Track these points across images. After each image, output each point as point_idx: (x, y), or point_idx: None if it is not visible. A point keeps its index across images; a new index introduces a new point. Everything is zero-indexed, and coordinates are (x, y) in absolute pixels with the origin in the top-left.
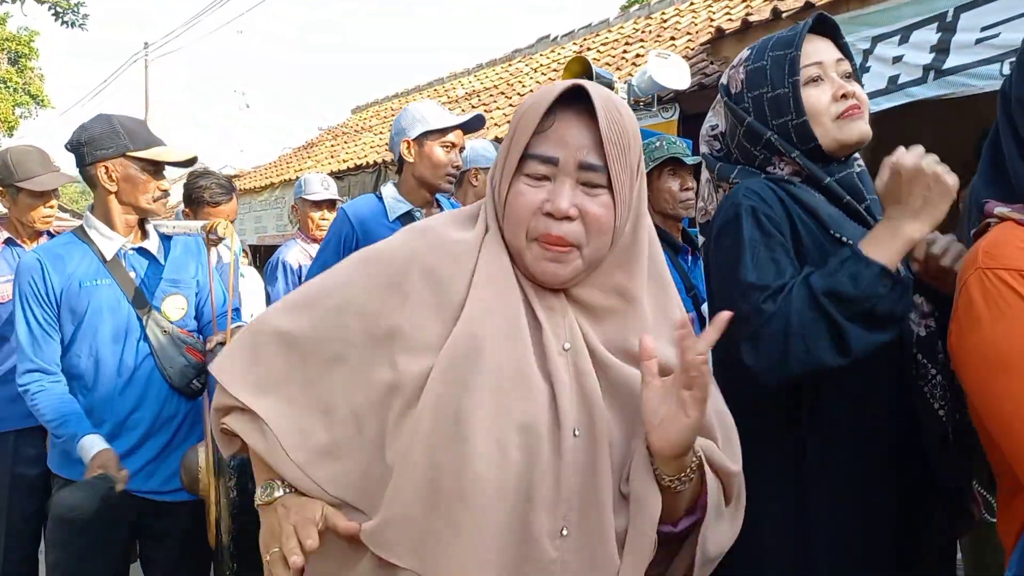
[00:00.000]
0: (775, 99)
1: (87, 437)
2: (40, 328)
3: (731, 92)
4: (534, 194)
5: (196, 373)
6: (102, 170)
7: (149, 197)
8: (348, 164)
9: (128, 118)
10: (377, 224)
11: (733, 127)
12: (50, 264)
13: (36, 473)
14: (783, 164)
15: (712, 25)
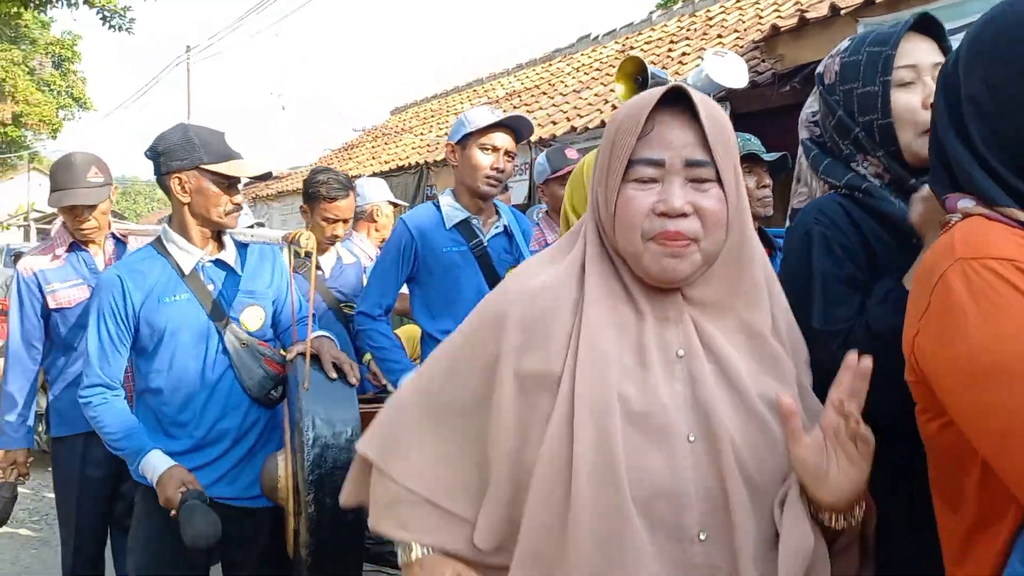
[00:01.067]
0: (864, 96)
1: (153, 453)
2: (111, 344)
3: (825, 82)
4: (644, 197)
5: (274, 384)
6: (176, 181)
7: (221, 211)
8: (390, 165)
9: (205, 129)
10: (435, 233)
11: (825, 116)
12: (130, 281)
13: (102, 475)
14: (868, 163)
15: (761, 22)
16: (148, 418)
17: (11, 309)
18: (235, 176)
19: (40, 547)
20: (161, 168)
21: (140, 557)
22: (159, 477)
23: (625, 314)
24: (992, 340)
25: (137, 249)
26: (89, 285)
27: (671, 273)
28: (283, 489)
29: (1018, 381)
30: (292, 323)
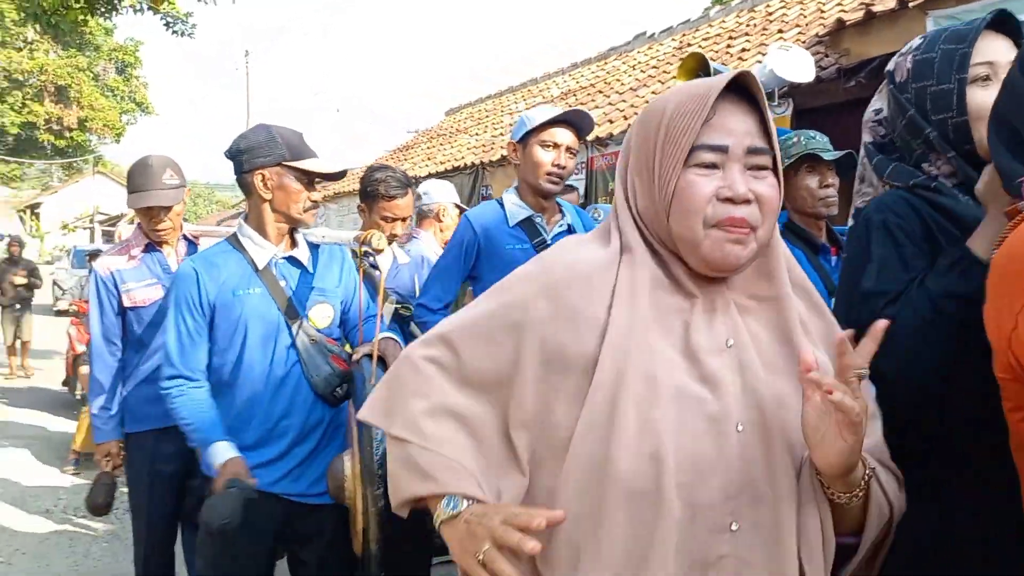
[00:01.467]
0: (938, 94)
1: (219, 443)
2: (189, 336)
3: (896, 80)
4: (707, 183)
5: (340, 381)
6: (259, 178)
7: (300, 207)
8: (445, 166)
9: (287, 129)
10: (498, 230)
11: (895, 116)
12: (205, 273)
13: (172, 471)
14: (940, 163)
15: (824, 16)
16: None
17: (91, 307)
18: (315, 173)
19: (112, 541)
20: (244, 165)
21: (209, 549)
22: (221, 465)
23: (673, 303)
24: None
25: (213, 244)
26: (163, 285)
27: (733, 260)
28: (349, 489)
29: None
30: (359, 322)
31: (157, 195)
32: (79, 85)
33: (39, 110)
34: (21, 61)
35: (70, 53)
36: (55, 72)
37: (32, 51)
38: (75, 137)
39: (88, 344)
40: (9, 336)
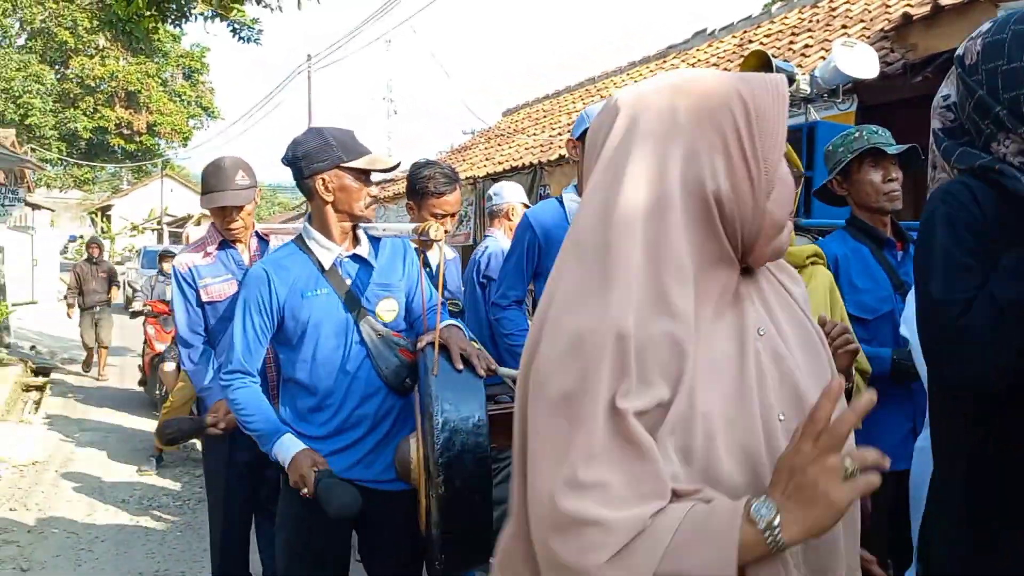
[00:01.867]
0: (1010, 72)
1: (286, 436)
2: (255, 335)
3: (965, 64)
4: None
5: (408, 372)
6: (319, 182)
7: (362, 204)
8: (504, 166)
9: (338, 130)
10: (558, 227)
11: (963, 99)
12: (276, 276)
13: (248, 459)
14: (1009, 141)
15: (889, 10)
16: (292, 404)
17: (174, 302)
18: (372, 170)
19: (185, 531)
20: (303, 172)
21: (287, 535)
22: (290, 459)
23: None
24: None
25: (280, 246)
26: (237, 280)
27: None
28: (416, 471)
29: None
30: (423, 312)
31: (230, 195)
32: (148, 91)
33: (110, 115)
34: (93, 68)
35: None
36: (125, 78)
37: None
38: (144, 141)
39: (175, 337)
40: (90, 338)
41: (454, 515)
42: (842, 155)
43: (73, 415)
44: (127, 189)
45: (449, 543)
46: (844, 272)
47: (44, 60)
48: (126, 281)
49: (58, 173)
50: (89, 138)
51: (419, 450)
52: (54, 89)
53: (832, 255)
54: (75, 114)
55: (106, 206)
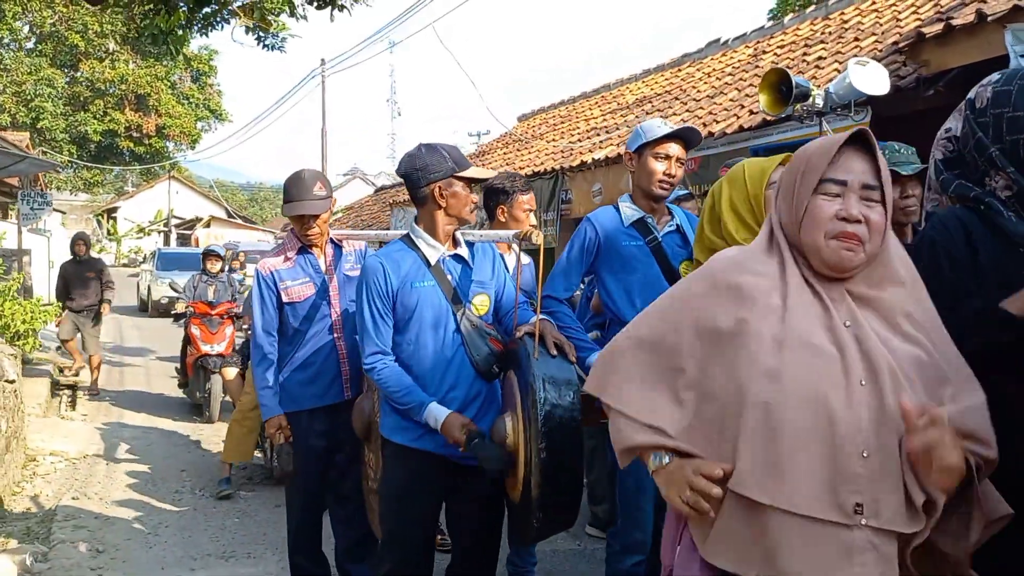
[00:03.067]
0: (1013, 119)
1: (433, 404)
2: (380, 317)
3: (975, 107)
4: (830, 206)
5: (496, 359)
6: (436, 189)
7: (468, 209)
8: (525, 171)
9: (448, 146)
10: (616, 230)
11: (967, 136)
12: (389, 266)
13: (322, 445)
14: (999, 178)
15: (900, 24)
16: None
17: (253, 303)
18: (478, 179)
19: (241, 517)
20: (420, 181)
21: (384, 504)
22: (443, 422)
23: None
24: None
25: (390, 243)
26: (314, 283)
27: (847, 262)
28: (512, 444)
29: None
30: (515, 307)
31: (308, 204)
32: (158, 94)
33: (120, 118)
34: (103, 71)
35: (148, 63)
36: (135, 81)
37: (113, 61)
38: (154, 144)
39: (251, 336)
40: (69, 338)
41: (551, 478)
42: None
43: (109, 414)
44: (132, 191)
45: (547, 504)
46: None
47: (54, 64)
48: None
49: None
50: (99, 141)
51: (516, 425)
52: (64, 92)
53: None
54: (85, 117)
55: (112, 208)
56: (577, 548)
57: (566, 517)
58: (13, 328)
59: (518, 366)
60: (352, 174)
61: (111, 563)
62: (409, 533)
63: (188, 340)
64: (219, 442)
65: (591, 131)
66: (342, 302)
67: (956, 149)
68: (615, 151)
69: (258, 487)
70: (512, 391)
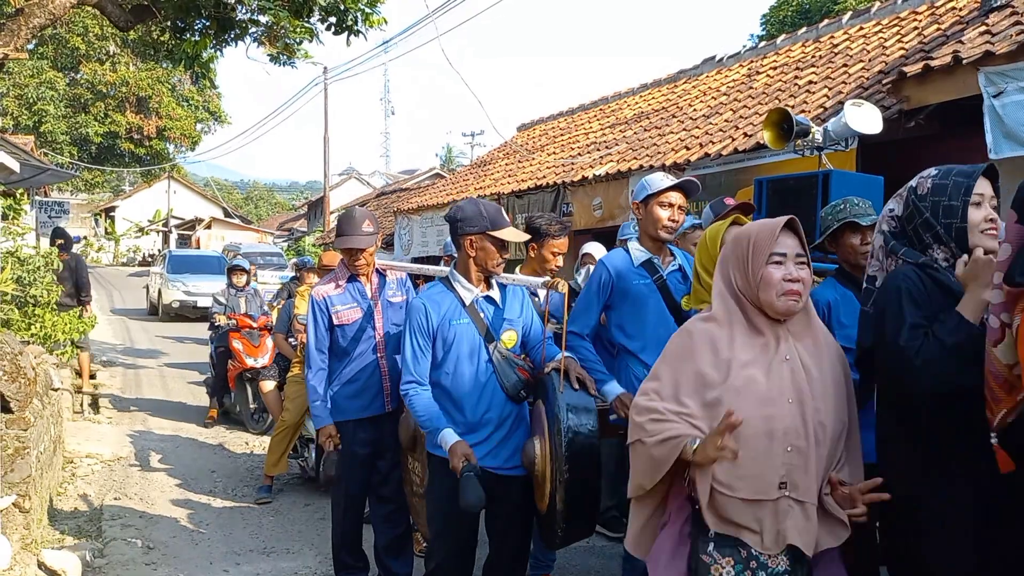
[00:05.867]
0: (948, 207)
1: (446, 430)
2: (421, 351)
3: (918, 193)
4: (777, 272)
5: (523, 386)
6: (468, 241)
7: (495, 263)
8: (527, 184)
9: (490, 204)
10: (627, 270)
11: (912, 215)
12: (431, 307)
13: (366, 452)
14: (940, 250)
15: (885, 53)
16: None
17: (308, 324)
18: (508, 240)
19: (275, 515)
20: (459, 230)
21: (432, 507)
22: (449, 448)
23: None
24: None
25: (431, 284)
26: (361, 308)
27: (792, 310)
28: (540, 464)
29: None
30: (543, 343)
31: (357, 239)
32: (159, 97)
33: (121, 120)
34: (104, 74)
35: (149, 65)
36: (136, 84)
37: (114, 64)
38: (154, 145)
39: (305, 353)
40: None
41: (574, 494)
42: (830, 223)
43: (134, 419)
44: (130, 191)
45: (570, 516)
46: (835, 312)
47: (55, 66)
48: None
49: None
50: (100, 142)
51: (543, 447)
52: (65, 95)
53: (825, 299)
54: (87, 119)
55: (110, 207)
56: (587, 545)
57: (586, 527)
58: (54, 338)
59: (546, 397)
60: (347, 174)
61: (163, 559)
62: (454, 533)
63: (229, 353)
64: (242, 445)
65: (591, 145)
66: (385, 325)
67: (899, 225)
68: (615, 167)
69: (286, 487)
70: (540, 418)
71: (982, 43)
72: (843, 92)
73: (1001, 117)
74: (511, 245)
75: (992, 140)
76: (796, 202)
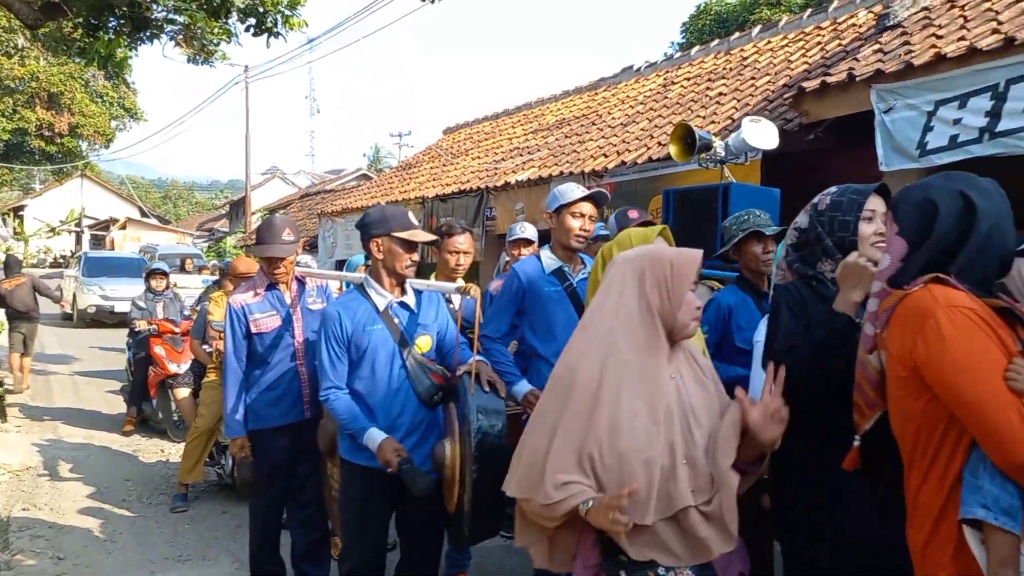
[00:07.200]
0: (843, 221)
1: (372, 430)
2: (336, 358)
3: (818, 208)
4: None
5: (436, 391)
6: (374, 244)
7: (403, 265)
8: (451, 188)
9: (395, 207)
10: (538, 277)
11: (811, 228)
12: (345, 314)
13: (285, 459)
14: (828, 262)
15: (790, 67)
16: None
17: (225, 332)
18: (413, 241)
19: (192, 523)
20: (366, 234)
21: (345, 512)
22: (378, 446)
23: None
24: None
25: (347, 291)
26: (280, 315)
27: (695, 332)
28: (450, 465)
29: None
30: (456, 347)
31: (277, 248)
32: (71, 92)
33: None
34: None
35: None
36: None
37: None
38: (66, 143)
39: (223, 361)
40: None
41: (482, 494)
42: (734, 232)
43: (44, 427)
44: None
45: (478, 514)
46: (735, 316)
47: None
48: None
49: None
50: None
51: (454, 448)
52: None
53: (727, 303)
54: None
55: (19, 207)
56: (504, 544)
57: (493, 526)
58: None
59: (457, 400)
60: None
61: (74, 569)
62: (367, 538)
63: (149, 360)
64: (157, 452)
65: (514, 151)
66: (305, 332)
67: (802, 238)
68: (536, 173)
69: (202, 495)
70: (452, 420)
71: (875, 61)
72: (750, 104)
73: (891, 132)
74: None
75: (883, 154)
76: (700, 212)
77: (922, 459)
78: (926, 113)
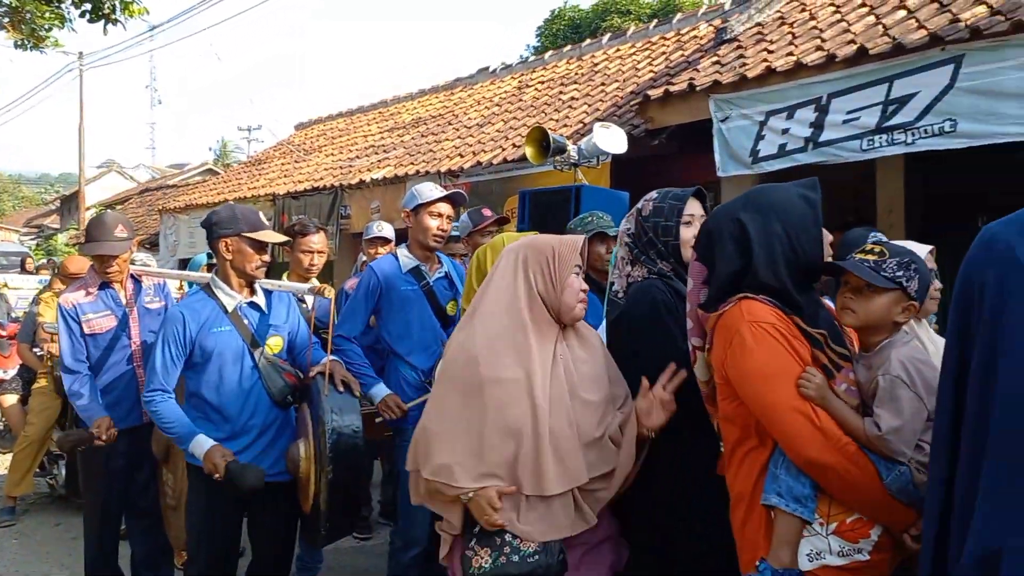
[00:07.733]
0: (665, 227)
1: (199, 436)
2: (171, 362)
3: (643, 214)
4: (577, 282)
5: (290, 391)
6: (223, 244)
7: (253, 266)
8: (304, 185)
9: (246, 208)
10: (395, 276)
11: (640, 233)
12: (189, 316)
13: (123, 465)
14: (664, 264)
15: (637, 75)
16: (197, 413)
17: (60, 335)
18: (263, 241)
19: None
20: (214, 234)
21: (192, 516)
22: (206, 452)
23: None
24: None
25: (193, 292)
26: (115, 315)
27: (582, 315)
28: (304, 465)
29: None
30: (308, 348)
31: (108, 245)
32: None
33: None
34: None
35: None
36: None
37: None
38: None
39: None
40: None
41: (338, 493)
42: (579, 233)
43: None
44: None
45: (333, 514)
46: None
47: None
48: None
49: None
50: None
51: (308, 449)
52: None
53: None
54: None
55: None
56: (356, 545)
57: (348, 525)
58: None
59: (311, 401)
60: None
61: None
62: (214, 542)
63: None
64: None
65: (369, 148)
66: (142, 333)
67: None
68: (392, 171)
69: (32, 507)
70: (305, 421)
71: (713, 72)
72: (600, 109)
73: (727, 140)
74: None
75: (720, 160)
76: (554, 212)
77: (737, 453)
78: (758, 123)
